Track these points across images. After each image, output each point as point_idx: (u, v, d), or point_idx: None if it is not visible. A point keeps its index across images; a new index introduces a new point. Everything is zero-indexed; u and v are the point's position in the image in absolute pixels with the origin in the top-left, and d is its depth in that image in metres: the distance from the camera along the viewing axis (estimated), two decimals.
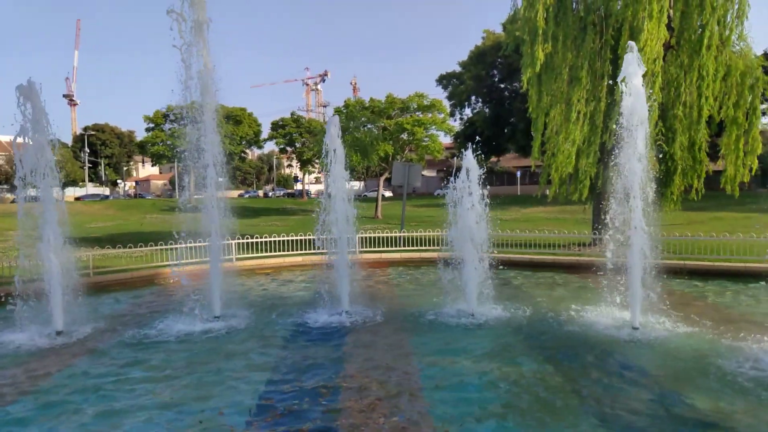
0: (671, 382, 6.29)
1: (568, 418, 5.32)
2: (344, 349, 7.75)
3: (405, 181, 19.80)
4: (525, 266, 14.73)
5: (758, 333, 7.64)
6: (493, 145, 55.41)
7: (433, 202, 46.41)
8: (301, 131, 59.53)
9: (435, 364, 6.94)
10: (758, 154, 15.91)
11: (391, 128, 35.55)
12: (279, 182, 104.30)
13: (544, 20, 15.25)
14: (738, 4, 14.92)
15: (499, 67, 52.12)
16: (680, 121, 15.33)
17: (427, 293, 11.56)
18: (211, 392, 6.08)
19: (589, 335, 8.07)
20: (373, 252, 16.59)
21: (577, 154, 15.81)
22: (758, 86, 15.61)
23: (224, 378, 6.55)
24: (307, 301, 10.74)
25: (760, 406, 5.41)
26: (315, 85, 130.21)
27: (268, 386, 6.26)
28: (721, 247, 13.95)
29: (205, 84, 9.12)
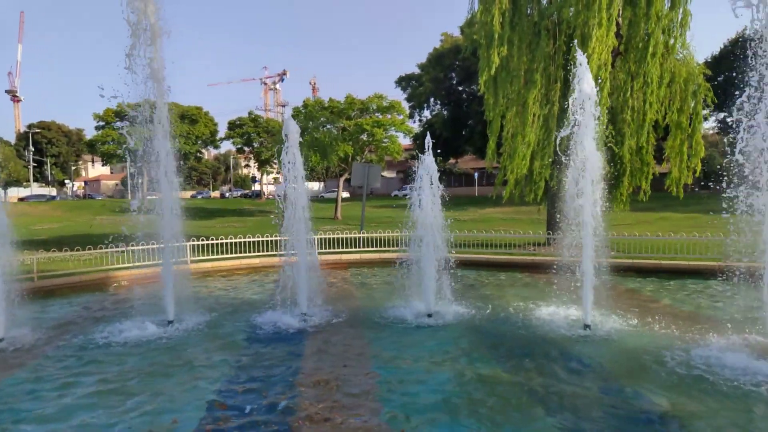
0: (621, 377, 6.50)
1: (522, 415, 5.43)
2: (301, 351, 7.67)
3: (365, 181, 19.79)
4: (482, 266, 14.97)
5: (702, 328, 8.02)
6: (451, 147, 56.15)
7: (392, 203, 46.60)
8: (259, 131, 58.68)
9: (392, 365, 6.95)
10: (701, 157, 16.72)
11: (351, 129, 35.50)
12: (237, 183, 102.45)
13: (500, 24, 15.56)
14: (681, 14, 15.64)
15: (457, 70, 52.88)
16: (628, 125, 15.94)
17: (386, 294, 11.57)
18: (162, 399, 5.89)
19: (544, 333, 8.27)
20: (333, 253, 16.51)
21: (532, 156, 16.20)
22: (700, 92, 16.42)
23: (177, 384, 6.36)
24: (264, 304, 10.57)
25: (704, 398, 5.67)
26: (274, 84, 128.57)
27: (223, 391, 6.13)
28: (666, 246, 14.58)
29: (156, 82, 8.83)
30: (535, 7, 16.56)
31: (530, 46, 16.09)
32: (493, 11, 15.35)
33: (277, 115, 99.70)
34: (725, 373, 6.23)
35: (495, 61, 15.60)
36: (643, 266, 13.57)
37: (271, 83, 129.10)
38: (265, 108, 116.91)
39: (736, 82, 6.77)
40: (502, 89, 16.34)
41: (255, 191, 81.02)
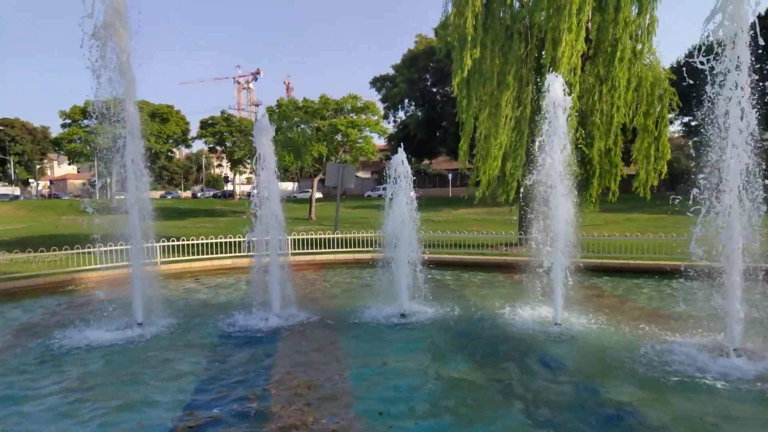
0: (590, 374, 6.64)
1: (495, 414, 5.49)
2: (274, 353, 7.61)
3: (339, 182, 19.75)
4: (456, 266, 15.09)
5: (668, 326, 8.25)
6: (425, 148, 56.47)
7: (366, 204, 46.60)
8: (232, 130, 57.94)
9: (366, 365, 6.95)
10: (667, 160, 17.21)
11: (325, 129, 35.36)
12: (209, 182, 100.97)
13: (473, 27, 15.73)
14: (648, 20, 16.07)
15: (432, 72, 53.22)
16: (598, 128, 16.29)
17: (359, 294, 11.57)
18: (130, 403, 5.77)
19: (516, 332, 8.38)
20: (306, 254, 16.42)
21: (504, 158, 16.41)
22: (666, 96, 16.90)
23: (145, 388, 6.24)
24: (236, 305, 10.43)
25: (668, 394, 5.83)
26: (247, 83, 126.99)
27: (193, 394, 6.03)
28: (634, 246, 14.95)
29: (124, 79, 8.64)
30: (508, 10, 16.79)
31: (502, 49, 16.31)
32: (466, 14, 15.51)
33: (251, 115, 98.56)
34: (688, 369, 6.41)
35: (468, 63, 15.76)
36: (611, 266, 13.87)
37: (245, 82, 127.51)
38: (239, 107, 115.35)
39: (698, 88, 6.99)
40: (475, 91, 16.52)
41: (226, 191, 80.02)
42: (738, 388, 5.87)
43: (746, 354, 6.72)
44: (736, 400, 5.60)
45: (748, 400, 5.60)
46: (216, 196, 75.78)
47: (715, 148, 6.84)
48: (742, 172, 6.67)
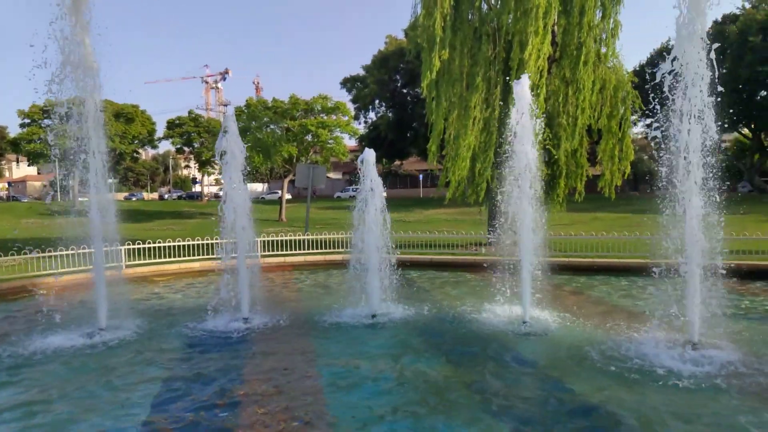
0: (558, 371, 6.77)
1: (465, 412, 5.53)
2: (243, 357, 7.50)
3: (309, 182, 19.63)
4: (426, 266, 15.18)
5: (632, 322, 8.47)
6: (396, 149, 56.63)
7: (337, 204, 46.45)
8: (200, 131, 56.94)
9: (336, 367, 6.92)
10: (630, 160, 17.68)
11: (295, 129, 35.07)
12: (176, 184, 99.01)
13: (442, 28, 15.85)
14: (612, 24, 16.49)
15: (402, 73, 53.41)
16: (564, 129, 16.63)
17: (331, 296, 11.53)
18: (93, 412, 5.60)
19: (485, 331, 8.48)
20: (276, 256, 16.26)
21: (474, 158, 16.59)
22: (629, 99, 17.37)
23: (109, 395, 6.07)
24: (204, 309, 10.23)
25: (630, 387, 5.98)
26: (215, 83, 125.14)
27: (160, 401, 5.89)
28: (600, 244, 15.30)
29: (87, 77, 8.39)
30: (476, 13, 16.99)
31: (471, 51, 16.49)
32: (435, 15, 15.62)
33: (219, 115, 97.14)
34: (649, 363, 6.60)
35: (436, 64, 15.88)
36: (578, 264, 14.17)
37: (213, 82, 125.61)
38: (207, 107, 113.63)
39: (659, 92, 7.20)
40: (445, 92, 16.65)
41: (194, 192, 78.64)
42: (696, 380, 6.06)
43: (705, 348, 6.95)
44: (693, 393, 5.78)
45: (705, 393, 5.78)
46: (180, 198, 74.23)
47: (674, 150, 7.06)
48: (700, 172, 6.90)
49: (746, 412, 5.30)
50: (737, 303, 10.13)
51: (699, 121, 6.87)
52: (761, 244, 14.05)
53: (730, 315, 8.89)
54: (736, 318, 8.98)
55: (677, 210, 7.10)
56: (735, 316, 9.11)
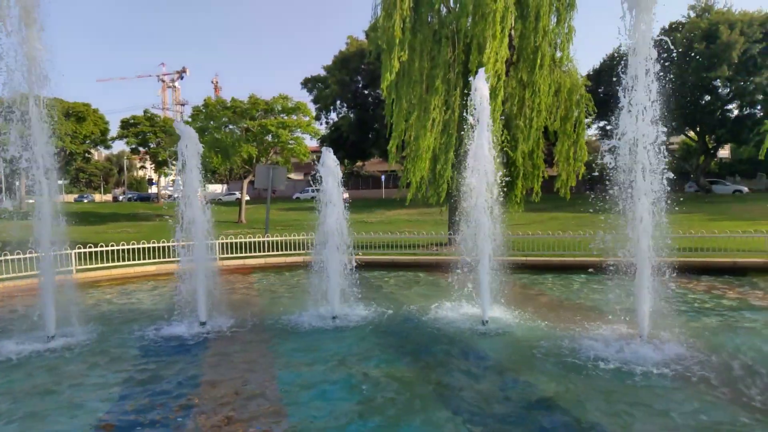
0: (516, 368, 6.91)
1: (424, 412, 5.57)
2: (199, 361, 7.34)
3: (269, 184, 19.38)
4: (388, 267, 15.22)
5: (587, 318, 8.73)
6: (358, 150, 56.56)
7: (298, 206, 46.06)
8: (156, 130, 55.35)
9: (296, 370, 6.86)
10: (584, 162, 18.24)
11: (255, 130, 34.56)
12: (132, 185, 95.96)
13: (401, 30, 15.93)
14: (566, 29, 16.98)
15: (363, 74, 53.37)
16: (521, 131, 17.00)
17: (291, 298, 11.42)
18: (43, 421, 5.36)
19: (445, 331, 8.57)
20: (236, 258, 15.98)
21: (434, 160, 16.75)
22: (583, 102, 17.93)
23: (58, 406, 5.82)
24: (159, 314, 9.98)
25: (588, 384, 6.16)
26: (172, 82, 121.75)
27: (112, 410, 5.69)
28: (556, 243, 15.71)
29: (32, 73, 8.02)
30: (435, 15, 17.17)
31: (431, 53, 16.65)
32: (395, 17, 15.69)
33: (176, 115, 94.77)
34: (603, 357, 6.81)
35: (396, 65, 15.95)
36: (535, 263, 14.51)
37: (170, 81, 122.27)
38: (163, 106, 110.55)
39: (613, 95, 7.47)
40: (405, 94, 16.75)
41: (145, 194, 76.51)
42: (646, 373, 6.30)
43: (654, 341, 7.24)
44: (643, 385, 6.01)
45: (654, 385, 6.02)
46: (130, 200, 71.88)
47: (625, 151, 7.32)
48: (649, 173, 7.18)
49: (695, 402, 5.55)
50: (685, 298, 10.58)
51: (647, 124, 7.15)
52: (707, 242, 14.72)
53: (678, 310, 9.29)
54: (684, 313, 9.38)
55: (628, 209, 7.37)
56: (682, 311, 9.51)
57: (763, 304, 10.00)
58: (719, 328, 8.45)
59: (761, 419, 5.11)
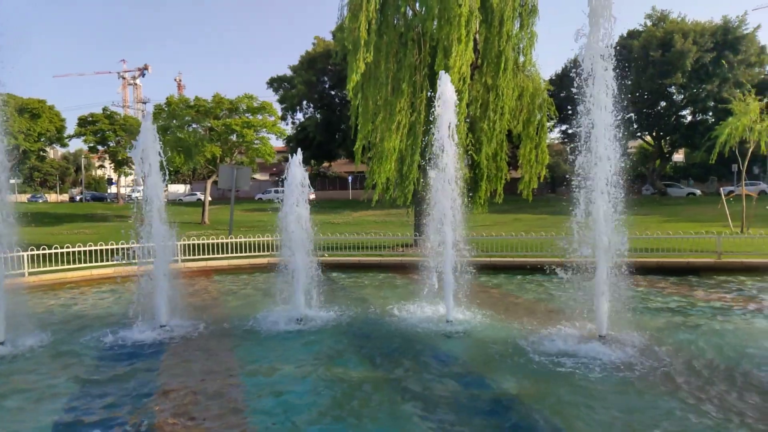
0: (478, 367, 7.01)
1: (388, 413, 5.58)
2: (159, 366, 7.16)
3: (233, 184, 19.08)
4: (354, 268, 15.19)
5: (548, 318, 8.91)
6: (325, 151, 56.32)
7: (263, 207, 45.51)
8: (116, 128, 53.76)
9: (259, 374, 6.76)
10: (545, 164, 18.65)
11: (219, 129, 33.97)
12: (90, 185, 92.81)
13: (367, 32, 15.94)
14: (529, 34, 17.35)
15: (330, 74, 53.19)
16: (486, 134, 17.26)
17: (255, 301, 11.27)
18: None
19: (410, 331, 8.60)
20: (198, 260, 15.66)
21: (401, 161, 16.83)
22: (545, 106, 18.34)
23: (9, 414, 5.58)
24: (117, 318, 9.69)
25: (546, 380, 6.30)
26: (133, 79, 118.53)
27: (65, 419, 5.49)
28: (520, 244, 15.98)
29: None
30: (401, 18, 17.25)
31: (396, 55, 16.72)
32: (361, 18, 15.69)
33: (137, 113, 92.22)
34: (562, 356, 6.98)
35: (361, 67, 15.95)
36: (498, 264, 14.73)
37: (131, 78, 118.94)
38: (124, 104, 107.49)
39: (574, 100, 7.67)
40: (371, 95, 16.77)
41: (100, 194, 74.26)
42: (603, 370, 6.48)
43: (612, 339, 7.45)
44: (600, 383, 6.17)
45: (611, 382, 6.20)
46: (81, 200, 69.59)
47: (585, 155, 7.53)
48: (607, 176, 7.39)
49: (649, 398, 5.73)
50: (642, 297, 10.93)
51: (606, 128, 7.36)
52: (662, 243, 15.26)
53: (635, 309, 9.60)
54: (641, 311, 9.69)
55: (587, 211, 7.57)
56: (639, 309, 9.82)
57: (714, 303, 10.42)
58: (673, 325, 8.76)
59: (709, 413, 5.32)
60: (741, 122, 20.72)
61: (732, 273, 13.20)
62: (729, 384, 6.05)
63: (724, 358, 6.98)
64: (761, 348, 7.34)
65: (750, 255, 14.29)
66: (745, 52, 44.23)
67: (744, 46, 44.21)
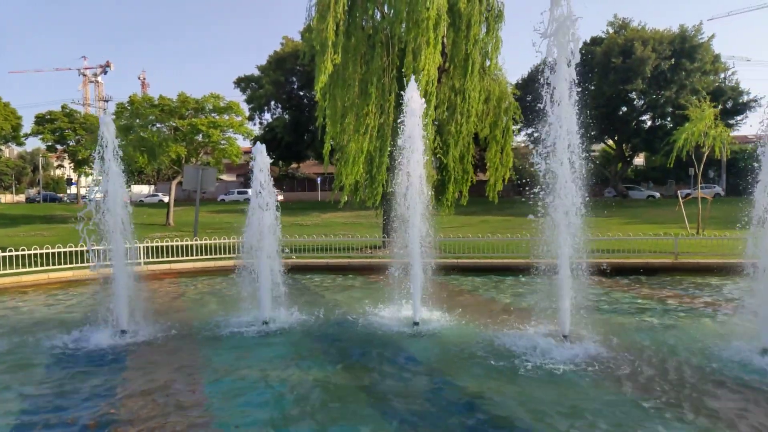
0: (446, 368, 7.06)
1: (354, 415, 5.56)
2: (119, 372, 6.96)
3: (198, 185, 18.73)
4: (322, 270, 15.11)
5: (514, 318, 9.06)
6: (293, 152, 55.89)
7: (229, 208, 44.84)
8: (75, 127, 52.02)
9: (223, 378, 6.65)
10: (509, 167, 18.98)
11: (184, 129, 33.28)
12: (48, 185, 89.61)
13: (335, 33, 15.90)
14: (495, 39, 17.64)
15: (298, 74, 52.81)
16: (453, 137, 17.44)
17: (221, 303, 11.10)
18: None
19: (377, 333, 8.61)
20: (162, 262, 15.31)
21: (370, 163, 16.84)
22: (511, 109, 18.65)
23: None
24: (76, 323, 9.36)
25: (511, 380, 6.40)
26: (95, 76, 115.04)
27: (19, 426, 5.28)
28: (486, 246, 16.21)
29: None
30: (370, 20, 17.28)
31: (365, 57, 16.74)
32: (328, 19, 15.64)
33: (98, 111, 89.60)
34: (528, 355, 7.10)
35: (329, 68, 15.89)
36: (466, 265, 14.89)
37: (92, 75, 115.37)
38: (85, 102, 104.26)
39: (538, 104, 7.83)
40: (339, 97, 16.74)
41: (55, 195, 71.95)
42: (566, 368, 6.63)
43: (574, 338, 7.63)
44: (563, 380, 6.31)
45: (572, 380, 6.35)
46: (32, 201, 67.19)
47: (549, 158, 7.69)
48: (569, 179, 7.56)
49: (611, 395, 5.89)
50: (604, 297, 11.22)
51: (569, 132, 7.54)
52: (623, 244, 15.71)
53: (597, 308, 9.85)
54: (603, 311, 9.95)
55: (551, 213, 7.73)
56: (602, 309, 10.08)
57: (672, 302, 10.79)
58: (633, 324, 9.03)
59: (661, 407, 5.50)
60: (697, 128, 21.55)
61: (688, 273, 13.69)
62: (678, 377, 6.33)
63: (675, 354, 7.24)
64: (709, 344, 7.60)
65: (705, 256, 14.85)
66: (701, 60, 46.02)
67: (700, 55, 45.99)
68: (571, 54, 7.34)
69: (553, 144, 7.54)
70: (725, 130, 22.77)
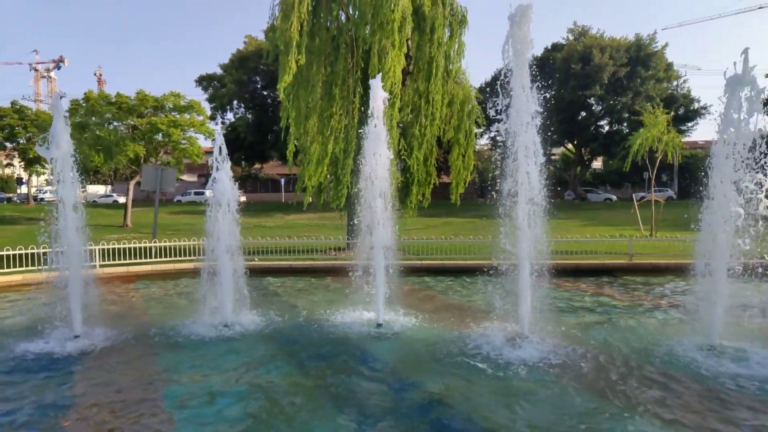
0: (410, 369, 7.10)
1: (320, 418, 5.54)
2: (73, 378, 6.71)
3: (157, 185, 18.25)
4: (285, 272, 14.94)
5: (477, 319, 9.17)
6: (256, 152, 55.15)
7: (190, 209, 43.87)
8: (26, 124, 49.88)
9: (182, 383, 6.51)
10: (471, 170, 19.27)
11: (143, 128, 32.34)
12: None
13: (299, 33, 15.78)
14: (458, 43, 17.90)
15: (262, 74, 52.17)
16: (417, 139, 17.57)
17: (181, 307, 10.84)
18: None
19: (340, 335, 8.58)
20: (119, 265, 14.83)
21: (334, 165, 16.78)
22: (473, 113, 18.93)
23: None
24: (25, 329, 8.97)
25: (472, 380, 6.49)
26: (48, 71, 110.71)
27: None
28: (450, 247, 16.37)
29: None
30: (334, 21, 17.24)
31: (329, 58, 16.68)
32: (292, 19, 15.50)
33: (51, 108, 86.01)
34: (489, 356, 7.22)
35: (293, 68, 15.76)
36: (429, 267, 15.01)
37: (44, 70, 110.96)
38: (36, 98, 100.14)
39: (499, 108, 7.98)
40: (303, 97, 16.62)
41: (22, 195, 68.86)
42: (527, 368, 6.77)
43: (535, 338, 7.79)
44: (525, 379, 6.45)
45: (534, 378, 6.49)
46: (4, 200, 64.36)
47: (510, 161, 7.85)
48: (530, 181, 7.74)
49: (569, 395, 6.04)
50: (562, 297, 11.50)
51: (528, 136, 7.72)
52: (581, 245, 16.15)
53: (555, 308, 10.08)
54: (562, 311, 10.20)
55: (512, 215, 7.89)
56: (559, 309, 10.33)
57: (628, 301, 11.16)
58: (591, 324, 9.29)
59: (620, 406, 5.69)
60: (651, 133, 22.37)
61: (642, 273, 14.19)
62: (628, 374, 6.57)
63: (631, 351, 7.50)
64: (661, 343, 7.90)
65: (658, 257, 15.43)
66: (655, 68, 47.84)
67: (654, 63, 47.81)
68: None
69: (513, 147, 7.71)
70: (677, 135, 23.71)
